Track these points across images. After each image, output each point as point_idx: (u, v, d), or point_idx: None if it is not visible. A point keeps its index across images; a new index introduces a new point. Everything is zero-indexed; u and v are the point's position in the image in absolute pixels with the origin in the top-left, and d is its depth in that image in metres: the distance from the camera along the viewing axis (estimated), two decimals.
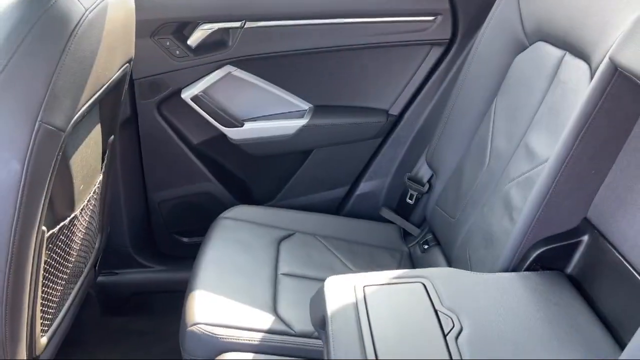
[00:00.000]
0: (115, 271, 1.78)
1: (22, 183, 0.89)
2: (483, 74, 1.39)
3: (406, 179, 1.64)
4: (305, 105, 1.66)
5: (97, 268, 1.55)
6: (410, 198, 1.63)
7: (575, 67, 1.09)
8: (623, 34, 0.88)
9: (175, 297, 1.49)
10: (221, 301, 1.21)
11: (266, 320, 1.18)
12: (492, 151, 1.30)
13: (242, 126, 1.63)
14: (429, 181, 1.59)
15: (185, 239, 1.81)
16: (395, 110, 1.67)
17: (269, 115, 1.65)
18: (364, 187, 1.74)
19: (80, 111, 0.98)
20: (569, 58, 1.12)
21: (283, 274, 1.35)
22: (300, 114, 1.66)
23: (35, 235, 0.98)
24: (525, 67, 1.27)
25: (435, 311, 0.89)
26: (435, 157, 1.53)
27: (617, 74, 0.88)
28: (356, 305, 0.91)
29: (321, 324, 0.94)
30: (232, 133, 1.63)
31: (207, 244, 1.42)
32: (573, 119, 0.94)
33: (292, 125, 1.64)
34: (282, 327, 1.17)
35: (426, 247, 1.53)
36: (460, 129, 1.44)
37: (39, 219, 0.97)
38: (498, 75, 1.35)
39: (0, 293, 0.95)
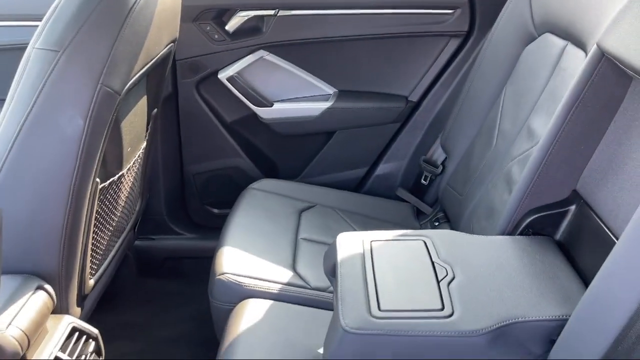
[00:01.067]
0: (152, 237, 1.95)
1: (83, 137, 1.05)
2: (495, 63, 1.50)
3: (421, 161, 1.76)
4: (330, 90, 1.80)
5: (136, 230, 1.71)
6: (425, 179, 1.75)
7: (574, 56, 1.19)
8: (609, 22, 0.98)
9: (205, 263, 1.64)
10: (246, 256, 1.36)
11: (285, 275, 1.32)
12: (499, 133, 1.41)
13: (271, 106, 1.78)
14: (442, 163, 1.70)
15: (215, 210, 1.96)
16: (414, 97, 1.79)
17: (297, 97, 1.79)
18: (382, 168, 1.87)
19: (133, 79, 1.14)
20: (570, 48, 1.23)
21: (303, 239, 1.49)
22: (325, 98, 1.79)
23: (90, 184, 1.14)
24: (533, 56, 1.37)
25: (432, 262, 1.01)
26: (449, 140, 1.65)
27: (603, 59, 0.99)
28: (363, 255, 1.04)
29: (332, 271, 1.07)
30: (262, 112, 1.78)
31: (236, 210, 1.57)
32: (565, 99, 1.05)
33: (317, 107, 1.78)
34: (299, 282, 1.31)
35: (437, 224, 1.65)
36: (473, 114, 1.56)
37: (94, 171, 1.13)
38: (509, 64, 1.46)
39: (59, 232, 1.11)
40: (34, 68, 1.00)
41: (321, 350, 1.11)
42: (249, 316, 1.19)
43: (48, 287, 1.11)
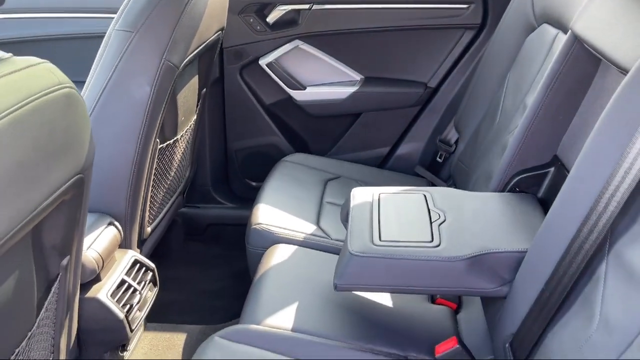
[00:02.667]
0: (198, 205, 2.21)
1: (149, 102, 1.31)
2: (501, 52, 1.69)
3: (438, 141, 1.96)
4: (357, 76, 2.02)
5: (184, 196, 1.97)
6: (440, 157, 1.95)
7: (562, 42, 1.38)
8: (581, 8, 1.17)
9: (242, 230, 1.88)
10: (277, 212, 1.59)
11: (310, 228, 1.55)
12: (501, 112, 1.60)
13: (305, 90, 2.01)
14: (455, 142, 1.90)
15: (253, 183, 2.21)
16: (432, 83, 1.99)
17: (327, 82, 2.02)
18: (403, 147, 2.08)
19: (188, 57, 1.39)
20: (561, 35, 1.41)
21: (327, 202, 1.71)
22: (352, 83, 2.02)
23: (152, 143, 1.40)
24: (532, 45, 1.56)
25: (428, 209, 1.22)
26: (461, 121, 1.84)
27: (576, 41, 1.18)
28: (372, 203, 1.26)
29: (346, 218, 1.29)
30: (296, 95, 2.02)
31: (271, 177, 1.81)
32: (545, 76, 1.24)
33: (345, 91, 2.00)
34: (322, 234, 1.54)
35: None
36: (481, 97, 1.75)
37: (155, 132, 1.39)
38: (513, 52, 1.64)
39: (127, 180, 1.37)
40: (113, 45, 1.27)
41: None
42: (277, 257, 1.42)
43: (117, 224, 1.38)
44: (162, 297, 1.53)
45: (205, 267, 2.14)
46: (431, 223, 1.18)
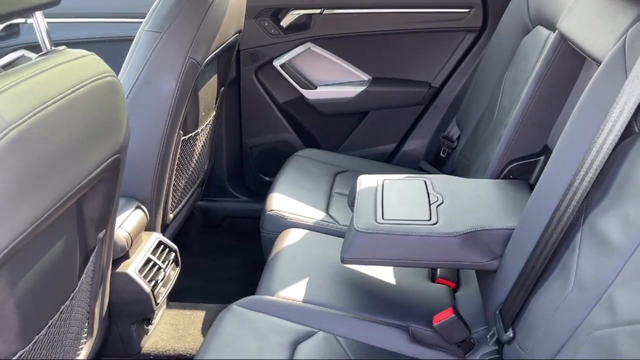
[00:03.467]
0: (214, 199, 2.34)
1: (174, 96, 1.44)
2: (499, 52, 1.80)
3: (441, 137, 2.07)
4: (365, 77, 2.14)
5: (203, 188, 2.10)
6: (443, 153, 2.06)
7: None
8: (566, 9, 1.28)
9: (256, 222, 2.01)
10: (290, 200, 1.72)
11: (320, 215, 1.68)
12: (499, 108, 1.71)
13: (316, 89, 2.14)
14: (457, 139, 2.01)
15: (266, 178, 2.34)
16: (436, 83, 2.11)
17: (337, 82, 2.15)
18: (408, 144, 2.19)
19: (210, 56, 1.53)
20: (552, 36, 1.52)
21: (336, 192, 1.83)
22: (361, 83, 2.14)
23: (176, 134, 1.53)
24: (527, 46, 1.67)
25: (428, 193, 1.34)
26: (462, 118, 1.96)
27: (562, 40, 1.29)
28: (376, 187, 1.38)
29: (353, 202, 1.41)
30: (308, 94, 2.14)
31: (283, 170, 1.94)
32: (535, 73, 1.36)
33: (353, 91, 2.13)
34: (330, 220, 1.66)
35: None
36: (481, 95, 1.86)
37: (179, 124, 1.52)
38: (509, 53, 1.76)
39: (153, 168, 1.50)
40: (143, 44, 1.40)
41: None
42: (289, 240, 1.55)
43: (144, 208, 1.51)
44: (181, 283, 1.66)
45: (220, 257, 2.27)
46: (430, 205, 1.29)
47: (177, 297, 1.77)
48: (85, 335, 1.23)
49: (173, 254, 1.57)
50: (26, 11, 0.81)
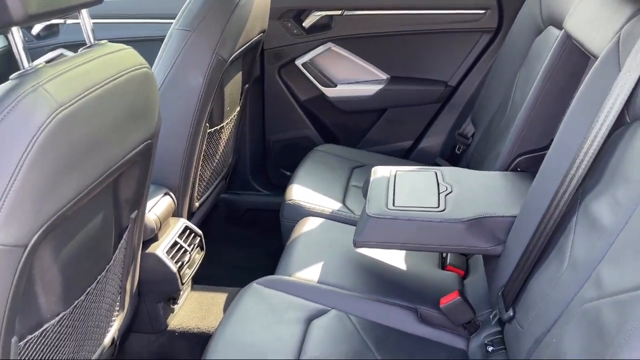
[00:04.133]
0: (237, 192, 2.44)
1: (201, 91, 1.55)
2: (513, 52, 1.86)
3: (456, 134, 2.14)
4: (383, 75, 2.22)
5: (227, 181, 2.21)
6: (458, 149, 2.13)
7: None
8: (572, 8, 1.34)
9: (277, 215, 2.10)
10: (308, 191, 1.81)
11: (337, 205, 1.76)
12: (511, 105, 1.78)
13: (335, 87, 2.23)
14: (472, 136, 2.08)
15: (287, 172, 2.43)
16: (452, 82, 2.18)
17: (356, 80, 2.24)
18: (425, 141, 2.27)
19: (235, 53, 1.63)
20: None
21: (352, 185, 1.92)
22: (379, 81, 2.22)
23: (202, 126, 1.63)
24: (539, 45, 1.73)
25: (438, 183, 1.41)
26: (477, 116, 2.02)
27: (568, 38, 1.36)
28: (388, 177, 1.46)
29: (367, 191, 1.49)
30: (328, 92, 2.23)
31: (303, 163, 2.03)
32: (542, 69, 1.42)
33: (372, 89, 2.21)
34: (346, 210, 1.75)
35: None
36: (495, 94, 1.92)
37: (205, 117, 1.63)
38: (522, 53, 1.82)
39: (181, 157, 1.60)
40: (174, 42, 1.51)
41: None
42: (307, 227, 1.64)
43: (172, 194, 1.61)
44: (205, 269, 1.76)
45: (243, 247, 2.37)
46: (439, 193, 1.37)
47: (201, 281, 1.87)
48: (118, 308, 1.33)
49: (198, 239, 1.67)
50: (74, 8, 0.92)
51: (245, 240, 2.40)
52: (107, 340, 1.29)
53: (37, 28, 2.31)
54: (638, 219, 0.86)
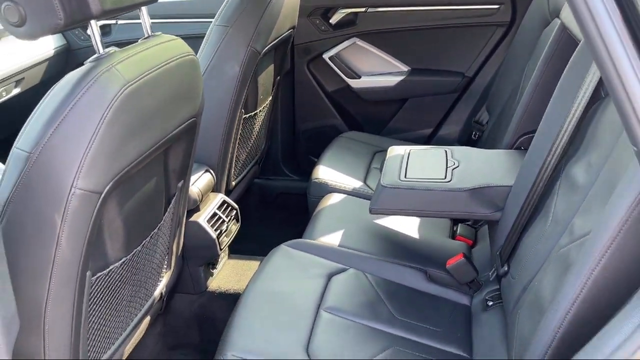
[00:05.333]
0: (269, 177, 2.64)
1: (237, 79, 1.75)
2: (523, 44, 2.01)
3: (472, 122, 2.29)
4: (404, 67, 2.39)
5: (259, 165, 2.41)
6: (474, 136, 2.28)
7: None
8: None
9: (306, 199, 2.28)
10: (332, 170, 2.00)
11: (358, 183, 1.95)
12: (520, 93, 1.92)
13: (360, 78, 2.41)
14: (486, 123, 2.22)
15: (315, 159, 2.61)
16: (469, 73, 2.34)
17: (379, 72, 2.41)
18: (443, 129, 2.42)
19: (267, 47, 1.83)
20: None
21: (373, 167, 2.10)
22: (400, 73, 2.39)
23: (238, 112, 1.84)
24: (546, 37, 1.87)
25: (446, 159, 1.58)
26: (491, 104, 2.17)
27: (563, 29, 1.50)
28: (403, 155, 1.63)
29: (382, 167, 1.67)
30: (353, 83, 2.42)
31: (329, 147, 2.22)
32: (542, 57, 1.57)
33: (394, 80, 2.38)
34: (367, 188, 1.93)
35: None
36: (507, 83, 2.07)
37: (241, 103, 1.83)
38: (532, 45, 1.96)
39: (220, 138, 1.81)
40: (214, 36, 1.72)
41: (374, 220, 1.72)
42: (331, 201, 1.82)
43: (211, 172, 1.82)
44: (240, 245, 1.96)
45: (274, 226, 2.56)
46: (447, 168, 1.54)
47: (236, 252, 2.08)
48: (166, 266, 1.55)
49: (234, 212, 1.88)
50: (136, 6, 1.13)
51: (277, 221, 2.60)
52: (157, 293, 1.51)
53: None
54: (605, 175, 1.01)
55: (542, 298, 1.06)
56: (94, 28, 1.04)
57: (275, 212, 2.64)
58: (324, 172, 1.99)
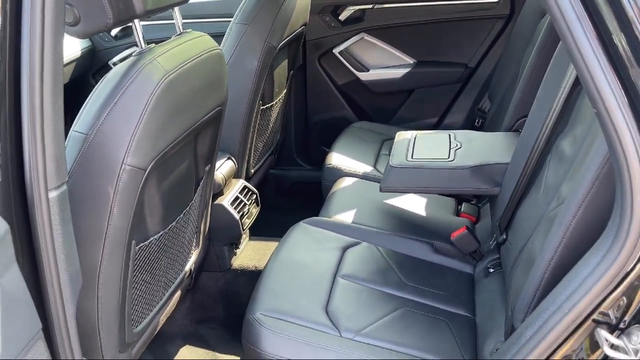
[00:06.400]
0: (284, 167, 2.79)
1: (256, 72, 1.90)
2: (521, 35, 2.14)
3: (476, 110, 2.43)
4: (410, 60, 2.53)
5: (275, 156, 2.56)
6: (478, 123, 2.42)
7: None
8: None
9: (320, 187, 2.42)
10: (344, 157, 2.14)
11: (368, 168, 2.09)
12: (519, 80, 2.06)
13: (368, 71, 2.55)
14: (488, 110, 2.36)
15: (327, 149, 2.76)
16: (472, 64, 2.47)
17: (386, 65, 2.55)
18: (448, 117, 2.56)
19: (282, 42, 1.98)
20: None
21: (383, 154, 2.24)
22: (407, 65, 2.53)
23: (257, 104, 1.98)
24: (542, 28, 2.00)
25: (450, 141, 1.72)
26: (492, 92, 2.31)
27: None
28: (409, 139, 1.78)
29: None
30: (362, 76, 2.56)
31: (341, 136, 2.36)
32: (537, 46, 1.70)
33: (400, 72, 2.52)
34: (377, 172, 2.07)
35: None
36: (507, 72, 2.20)
37: (259, 95, 1.98)
38: (529, 35, 2.09)
39: (240, 128, 1.96)
40: (234, 33, 1.87)
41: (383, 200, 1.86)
42: (343, 184, 1.97)
43: (233, 159, 1.97)
44: (259, 229, 2.10)
45: (289, 215, 2.69)
46: (450, 149, 1.68)
47: (257, 234, 2.23)
48: (195, 244, 1.70)
49: (255, 196, 2.03)
50: (171, 6, 1.28)
51: (292, 208, 2.75)
52: (187, 267, 1.66)
53: (114, 31, 2.73)
54: (587, 146, 1.15)
55: (533, 254, 1.19)
56: (137, 27, 1.20)
57: (290, 200, 2.79)
58: (336, 159, 2.13)
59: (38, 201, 0.93)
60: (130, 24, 1.17)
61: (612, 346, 0.75)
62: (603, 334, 0.76)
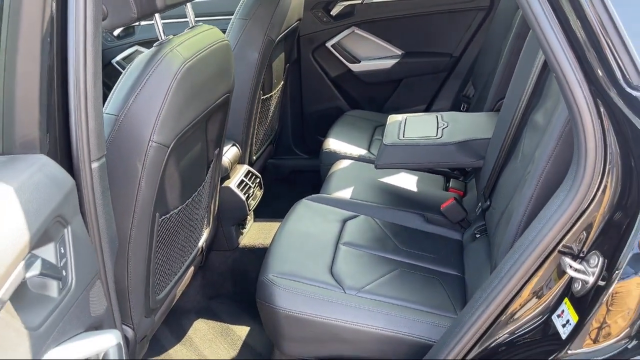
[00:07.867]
0: (282, 157, 2.94)
1: (257, 64, 2.05)
2: (501, 25, 2.31)
3: (461, 96, 2.59)
4: (398, 51, 2.70)
5: (274, 145, 2.71)
6: (463, 108, 2.58)
7: None
8: None
9: (315, 175, 2.57)
10: (340, 142, 2.30)
11: (363, 151, 2.25)
12: (499, 67, 2.23)
13: (359, 63, 2.71)
14: (473, 96, 2.53)
15: (322, 138, 2.92)
16: (456, 53, 2.64)
17: (376, 57, 2.71)
18: (436, 104, 2.73)
19: (280, 36, 2.13)
20: None
21: (375, 138, 2.40)
22: (395, 56, 2.70)
23: (258, 94, 2.14)
24: (519, 17, 2.18)
25: (437, 121, 1.89)
26: (476, 79, 2.48)
27: None
28: (400, 120, 1.94)
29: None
30: (354, 67, 2.72)
31: (336, 124, 2.53)
32: (513, 32, 1.87)
33: (389, 63, 2.69)
34: (371, 155, 2.23)
35: None
36: (489, 59, 2.37)
37: (260, 86, 2.13)
38: (508, 25, 2.26)
39: (243, 116, 2.11)
40: (236, 28, 2.02)
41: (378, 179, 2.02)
42: (340, 166, 2.13)
43: (237, 145, 2.12)
44: (261, 213, 2.25)
45: (288, 201, 2.85)
46: (438, 128, 1.84)
47: (260, 216, 2.38)
48: (206, 222, 1.85)
49: (258, 179, 2.18)
50: (186, 1, 1.43)
51: (291, 195, 2.88)
52: (200, 244, 1.81)
53: (117, 31, 2.87)
54: (555, 118, 1.31)
55: (511, 212, 1.36)
56: (158, 20, 1.34)
57: (289, 187, 2.94)
58: (333, 144, 2.29)
59: (83, 170, 1.08)
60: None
61: (576, 270, 0.91)
62: (567, 260, 0.92)
